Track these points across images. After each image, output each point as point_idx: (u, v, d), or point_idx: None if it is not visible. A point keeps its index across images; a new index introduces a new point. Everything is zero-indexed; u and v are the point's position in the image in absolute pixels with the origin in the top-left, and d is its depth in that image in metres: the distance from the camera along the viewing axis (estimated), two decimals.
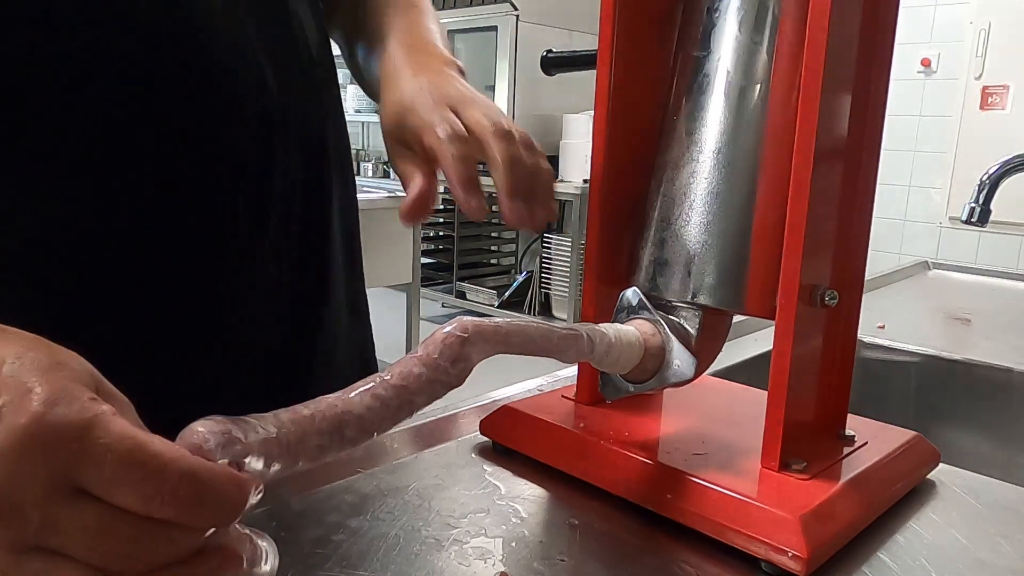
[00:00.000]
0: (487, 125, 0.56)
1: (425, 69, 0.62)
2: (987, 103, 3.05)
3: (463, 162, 0.55)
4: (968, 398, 1.02)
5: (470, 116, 0.57)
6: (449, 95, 0.59)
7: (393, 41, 0.66)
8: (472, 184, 0.55)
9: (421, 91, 0.59)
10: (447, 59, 0.64)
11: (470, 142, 0.56)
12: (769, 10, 0.52)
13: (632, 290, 0.55)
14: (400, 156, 0.60)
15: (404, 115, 0.59)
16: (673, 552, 0.49)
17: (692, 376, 0.54)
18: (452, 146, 0.55)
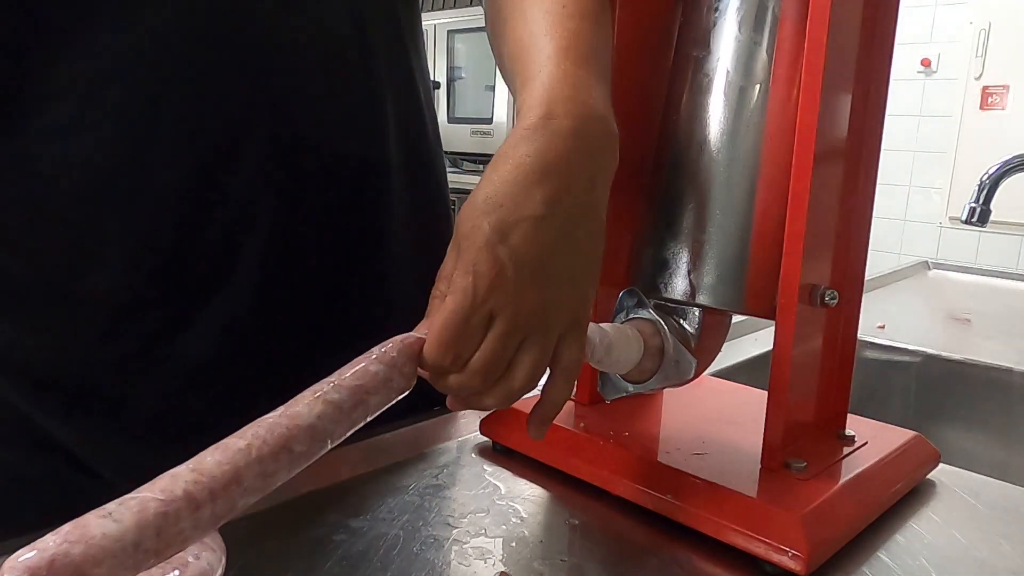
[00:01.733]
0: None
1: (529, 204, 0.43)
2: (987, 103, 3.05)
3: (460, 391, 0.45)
4: (968, 398, 1.02)
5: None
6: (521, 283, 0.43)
7: (528, 99, 0.47)
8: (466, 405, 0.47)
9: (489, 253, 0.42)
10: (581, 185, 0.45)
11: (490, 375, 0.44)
12: (769, 10, 0.52)
13: (631, 290, 0.55)
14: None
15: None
16: (673, 552, 0.49)
17: (692, 376, 0.54)
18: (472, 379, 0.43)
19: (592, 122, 0.45)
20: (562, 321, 0.45)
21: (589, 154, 0.45)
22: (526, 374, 0.44)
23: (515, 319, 0.42)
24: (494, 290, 0.42)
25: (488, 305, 0.42)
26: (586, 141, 0.45)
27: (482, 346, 0.43)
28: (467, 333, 0.42)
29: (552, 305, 0.44)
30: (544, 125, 0.44)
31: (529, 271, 0.42)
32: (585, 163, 0.45)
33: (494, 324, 0.43)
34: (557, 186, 0.43)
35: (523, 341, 0.43)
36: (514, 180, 0.43)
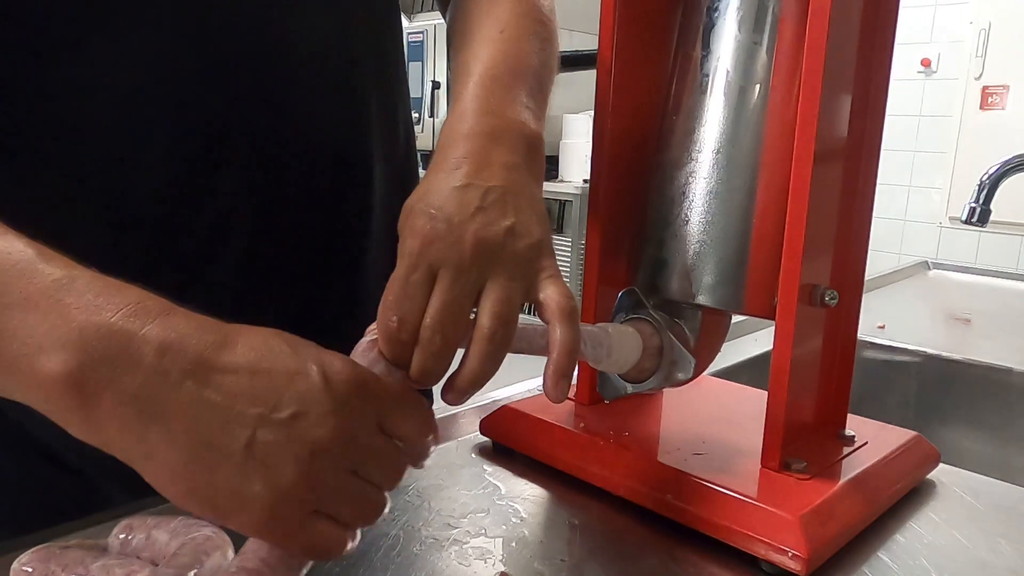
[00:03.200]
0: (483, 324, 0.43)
1: (462, 176, 0.45)
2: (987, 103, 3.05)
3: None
4: (968, 398, 1.02)
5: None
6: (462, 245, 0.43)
7: (461, 100, 0.50)
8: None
9: (443, 220, 0.43)
10: (506, 162, 0.47)
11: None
12: (769, 10, 0.52)
13: (631, 290, 0.55)
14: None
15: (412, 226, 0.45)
16: (673, 552, 0.49)
17: (691, 376, 0.54)
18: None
19: (503, 127, 0.48)
20: (521, 265, 0.44)
21: (505, 147, 0.47)
22: (494, 314, 0.42)
23: (460, 263, 0.42)
24: (428, 242, 0.42)
25: (426, 259, 0.42)
26: (500, 139, 0.48)
27: (431, 299, 0.42)
28: (408, 292, 0.42)
29: (498, 249, 0.43)
30: (455, 135, 0.48)
31: (460, 223, 0.43)
32: (500, 153, 0.47)
33: (439, 277, 0.42)
34: (471, 168, 0.46)
35: (484, 284, 0.43)
36: (435, 175, 0.46)
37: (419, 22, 3.73)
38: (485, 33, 0.55)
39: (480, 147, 0.47)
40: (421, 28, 3.71)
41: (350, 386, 0.38)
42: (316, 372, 0.37)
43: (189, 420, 0.35)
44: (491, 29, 0.55)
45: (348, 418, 0.37)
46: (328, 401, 0.37)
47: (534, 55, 0.54)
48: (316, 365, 0.37)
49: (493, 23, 0.56)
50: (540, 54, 0.55)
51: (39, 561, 0.38)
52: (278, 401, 0.36)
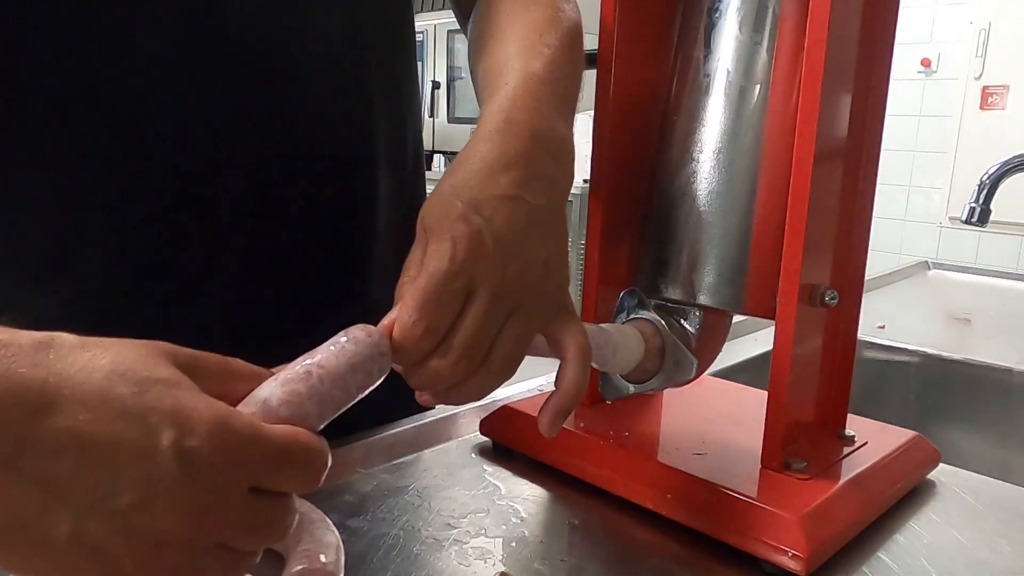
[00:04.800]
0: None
1: (493, 190, 0.42)
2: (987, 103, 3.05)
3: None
4: (968, 398, 1.02)
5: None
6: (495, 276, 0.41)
7: (499, 96, 0.48)
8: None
9: (468, 234, 0.40)
10: (531, 172, 0.44)
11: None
12: (769, 10, 0.52)
13: (632, 290, 0.55)
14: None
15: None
16: (673, 552, 0.49)
17: (692, 376, 0.54)
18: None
19: (550, 132, 0.46)
20: (546, 303, 0.43)
21: (548, 155, 0.45)
22: (508, 353, 0.41)
23: (499, 289, 0.40)
24: (473, 255, 0.40)
25: (467, 272, 0.40)
26: (545, 145, 0.45)
27: (465, 319, 0.40)
28: (444, 300, 0.39)
29: (534, 283, 0.42)
30: (505, 128, 0.45)
31: (506, 243, 0.41)
32: (545, 162, 0.45)
33: (476, 296, 0.40)
34: (521, 175, 0.43)
35: (508, 316, 0.41)
36: (478, 171, 0.43)
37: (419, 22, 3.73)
38: (521, 33, 0.53)
39: (529, 151, 0.44)
40: (421, 28, 3.72)
41: (215, 460, 0.29)
42: (168, 446, 0.29)
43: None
44: (529, 31, 0.53)
45: (209, 500, 0.30)
46: (182, 485, 0.29)
47: (570, 63, 0.52)
48: (171, 431, 0.29)
49: (531, 26, 0.54)
50: (574, 62, 0.53)
51: None
52: (112, 487, 0.28)
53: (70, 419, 0.28)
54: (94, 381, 0.29)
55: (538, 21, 0.54)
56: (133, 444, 0.28)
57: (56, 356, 0.29)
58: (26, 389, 0.28)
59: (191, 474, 0.29)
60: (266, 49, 0.56)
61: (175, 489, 0.29)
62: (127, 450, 0.28)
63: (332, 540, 0.42)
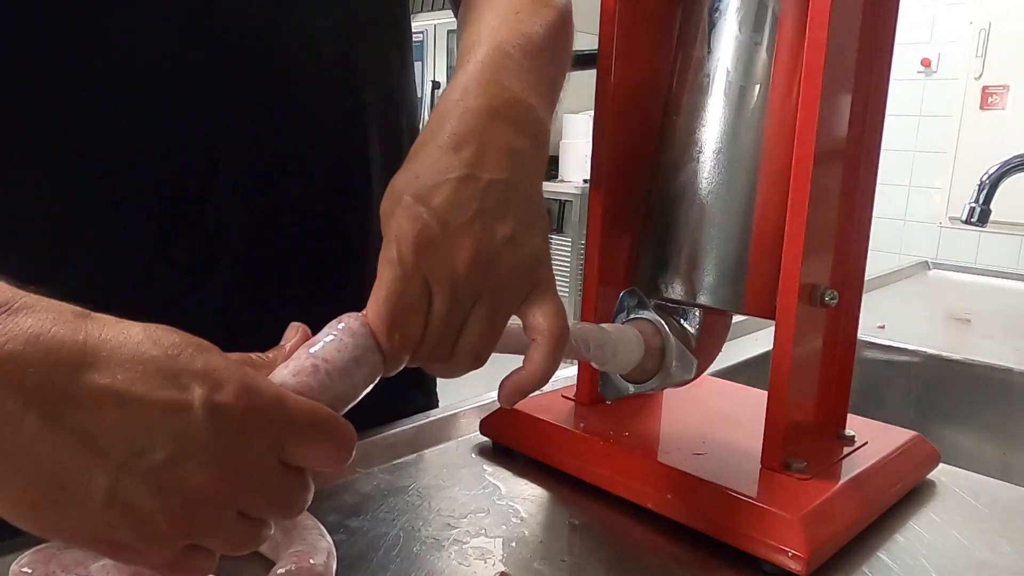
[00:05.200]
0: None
1: (453, 167, 0.41)
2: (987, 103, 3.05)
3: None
4: (968, 398, 1.02)
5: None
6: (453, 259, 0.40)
7: (464, 70, 0.46)
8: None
9: (418, 219, 0.39)
10: (501, 146, 0.42)
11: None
12: (769, 10, 0.52)
13: (632, 290, 0.55)
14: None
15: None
16: (673, 552, 0.49)
17: (692, 376, 0.54)
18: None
19: (512, 101, 0.43)
20: (514, 285, 0.41)
21: (509, 125, 0.42)
22: (472, 350, 0.40)
23: (455, 280, 0.39)
24: (422, 252, 0.38)
25: (420, 271, 0.38)
26: (504, 115, 0.43)
27: (428, 328, 0.39)
28: (408, 307, 0.38)
29: (495, 265, 0.40)
30: (460, 104, 0.42)
31: (455, 229, 0.39)
32: (504, 132, 0.42)
33: (434, 293, 0.39)
34: (473, 152, 0.41)
35: (473, 306, 0.40)
36: (427, 155, 0.41)
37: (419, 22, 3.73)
38: (498, 12, 0.51)
39: (483, 126, 0.41)
40: (421, 28, 3.71)
41: (244, 419, 0.31)
42: (200, 403, 0.30)
43: (35, 457, 0.28)
44: (505, 9, 0.51)
45: (237, 459, 0.31)
46: (213, 442, 0.30)
47: (550, 40, 0.50)
48: (202, 391, 0.30)
49: (508, 5, 0.52)
50: (555, 41, 0.51)
51: (39, 562, 0.38)
52: (148, 443, 0.29)
53: (108, 376, 0.29)
54: (130, 344, 0.31)
55: (517, 1, 0.52)
56: (167, 401, 0.30)
57: (94, 323, 0.31)
58: (67, 349, 0.29)
59: (221, 430, 0.30)
60: (261, 49, 0.56)
61: (206, 445, 0.30)
62: (161, 407, 0.30)
63: (324, 545, 0.42)
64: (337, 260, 0.63)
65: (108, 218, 0.54)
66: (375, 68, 0.64)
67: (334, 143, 0.61)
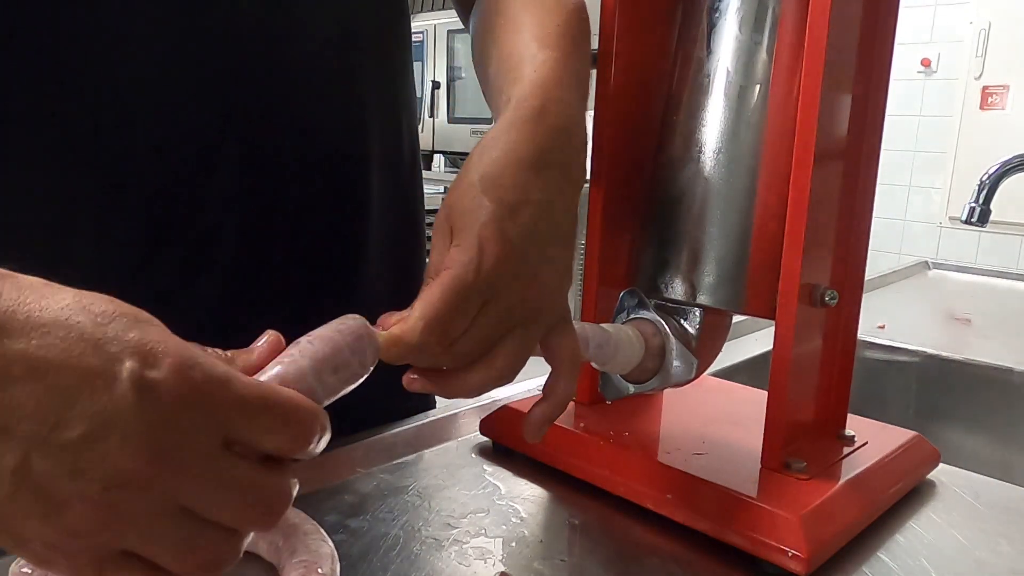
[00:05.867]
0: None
1: (506, 194, 0.41)
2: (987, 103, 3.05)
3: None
4: (968, 398, 1.02)
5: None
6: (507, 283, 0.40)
7: (524, 82, 0.47)
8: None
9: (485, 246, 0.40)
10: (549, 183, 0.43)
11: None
12: (769, 10, 0.52)
13: (632, 290, 0.55)
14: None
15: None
16: (673, 552, 0.49)
17: (692, 376, 0.54)
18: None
19: (577, 128, 0.45)
20: (552, 313, 0.43)
21: (575, 151, 0.45)
22: (509, 362, 0.41)
23: (515, 304, 0.40)
24: (500, 266, 0.39)
25: (491, 282, 0.39)
26: (574, 140, 0.45)
27: (473, 326, 0.39)
28: (463, 310, 0.38)
29: (547, 293, 0.42)
30: (538, 118, 0.43)
31: (532, 258, 0.40)
32: (574, 159, 0.44)
33: (491, 304, 0.39)
34: (553, 177, 0.42)
35: (514, 326, 0.41)
36: (510, 163, 0.41)
37: (419, 22, 3.73)
38: (538, 22, 0.52)
39: (564, 146, 0.43)
40: (421, 28, 3.72)
41: (179, 397, 0.27)
42: (129, 376, 0.27)
43: None
44: (544, 18, 0.52)
45: (172, 440, 0.27)
46: (138, 419, 0.26)
47: (582, 52, 0.52)
48: (132, 363, 0.27)
49: (545, 13, 0.53)
50: (585, 51, 0.53)
51: None
52: (62, 418, 0.26)
53: (21, 342, 0.26)
54: (52, 309, 0.27)
55: (551, 8, 0.53)
56: (88, 372, 0.26)
57: (13, 285, 0.28)
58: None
59: (151, 408, 0.27)
60: (260, 47, 0.55)
61: (131, 423, 0.26)
62: (81, 378, 0.26)
63: (327, 551, 0.42)
64: (334, 261, 0.63)
65: (101, 216, 0.54)
66: (374, 67, 0.64)
67: (333, 143, 0.61)
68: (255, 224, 0.58)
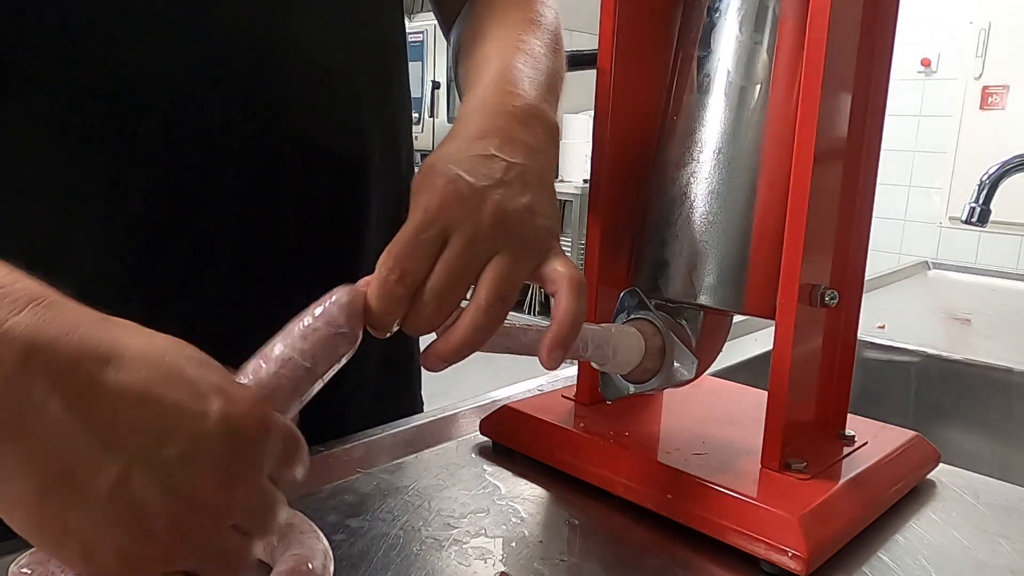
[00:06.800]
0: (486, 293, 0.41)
1: (478, 143, 0.45)
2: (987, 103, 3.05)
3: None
4: (968, 398, 1.02)
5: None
6: (477, 211, 0.42)
7: (479, 84, 0.52)
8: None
9: (452, 181, 0.42)
10: (514, 139, 0.46)
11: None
12: (769, 10, 0.52)
13: (632, 290, 0.55)
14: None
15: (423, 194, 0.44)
16: (673, 552, 0.49)
17: (692, 376, 0.54)
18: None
19: (525, 106, 0.49)
20: (533, 246, 0.43)
21: (522, 125, 0.47)
22: (495, 290, 0.41)
23: (475, 232, 0.41)
24: (448, 203, 0.41)
25: (442, 219, 0.40)
26: (518, 117, 0.47)
27: (437, 264, 0.40)
28: (417, 248, 0.40)
29: (515, 225, 0.42)
30: (481, 108, 0.48)
31: (482, 190, 0.42)
32: (519, 130, 0.47)
33: (451, 241, 0.40)
34: (496, 140, 0.45)
35: (491, 258, 0.41)
36: (454, 140, 0.45)
37: (419, 22, 3.73)
38: (503, 34, 0.57)
39: (506, 124, 0.46)
40: (421, 28, 3.72)
41: (254, 432, 0.32)
42: (217, 411, 0.31)
43: (53, 442, 0.29)
44: (510, 31, 0.57)
45: (242, 468, 0.32)
46: (223, 448, 0.31)
47: (548, 57, 0.56)
48: (218, 399, 0.31)
49: (511, 28, 0.57)
50: (554, 58, 0.57)
51: (38, 563, 0.38)
52: (163, 438, 0.30)
53: (133, 374, 0.30)
54: (154, 348, 0.32)
55: (518, 23, 0.58)
56: (185, 404, 0.31)
57: (120, 327, 0.32)
58: (96, 344, 0.30)
59: (233, 440, 0.31)
60: (261, 49, 0.56)
61: (218, 450, 0.31)
62: (180, 408, 0.30)
63: (321, 548, 0.42)
64: (333, 260, 0.63)
65: (102, 212, 0.54)
66: (373, 69, 0.64)
67: (332, 143, 0.61)
68: (255, 224, 0.58)
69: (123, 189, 0.53)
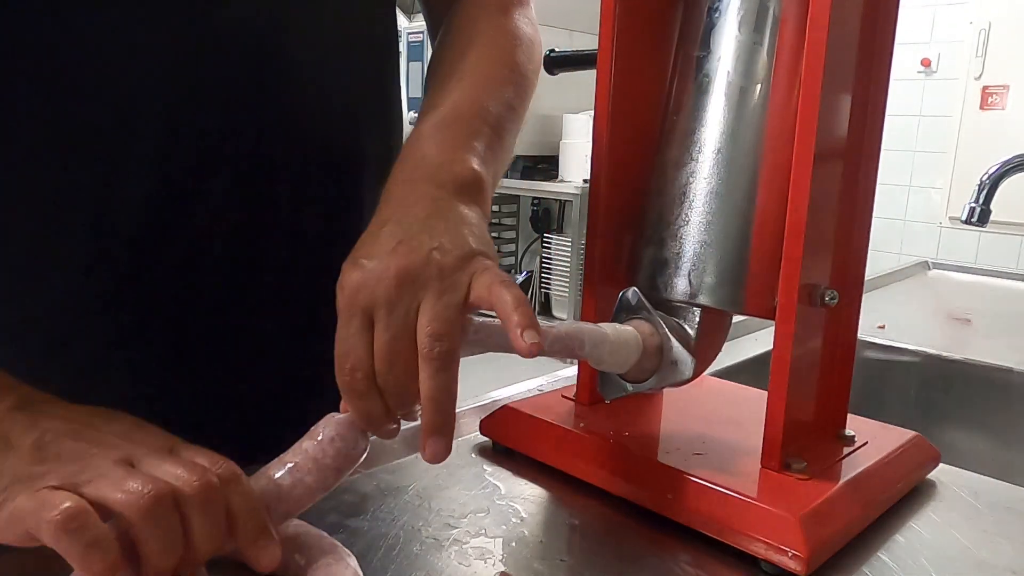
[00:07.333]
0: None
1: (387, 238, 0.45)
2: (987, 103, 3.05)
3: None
4: (968, 398, 1.02)
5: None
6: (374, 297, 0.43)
7: (406, 147, 0.53)
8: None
9: (367, 275, 0.44)
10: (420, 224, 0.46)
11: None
12: (769, 10, 0.52)
13: (632, 290, 0.55)
14: None
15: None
16: (673, 552, 0.49)
17: (691, 376, 0.54)
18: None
19: (437, 168, 0.49)
20: (451, 279, 0.43)
21: (428, 185, 0.48)
22: (432, 331, 0.42)
23: (388, 296, 0.42)
24: (358, 290, 0.43)
25: (357, 309, 0.43)
26: (427, 179, 0.48)
27: (374, 346, 0.42)
28: (351, 344, 0.43)
29: (424, 272, 0.43)
30: (389, 186, 0.49)
31: (380, 258, 0.43)
32: (423, 189, 0.48)
33: (375, 318, 0.43)
34: (396, 208, 0.47)
35: (416, 302, 0.43)
36: (365, 232, 0.47)
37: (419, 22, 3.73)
38: (450, 79, 0.57)
39: (406, 190, 0.48)
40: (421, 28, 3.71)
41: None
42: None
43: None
44: (457, 75, 0.57)
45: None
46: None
47: (495, 102, 0.55)
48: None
49: (461, 69, 0.57)
50: (503, 100, 0.56)
51: None
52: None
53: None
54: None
55: (468, 63, 0.58)
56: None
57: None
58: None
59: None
60: (257, 52, 0.56)
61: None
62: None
63: (351, 569, 0.43)
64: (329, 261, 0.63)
65: (96, 215, 0.53)
66: (367, 72, 0.65)
67: (328, 145, 0.61)
68: (249, 228, 0.58)
69: (119, 190, 0.53)
